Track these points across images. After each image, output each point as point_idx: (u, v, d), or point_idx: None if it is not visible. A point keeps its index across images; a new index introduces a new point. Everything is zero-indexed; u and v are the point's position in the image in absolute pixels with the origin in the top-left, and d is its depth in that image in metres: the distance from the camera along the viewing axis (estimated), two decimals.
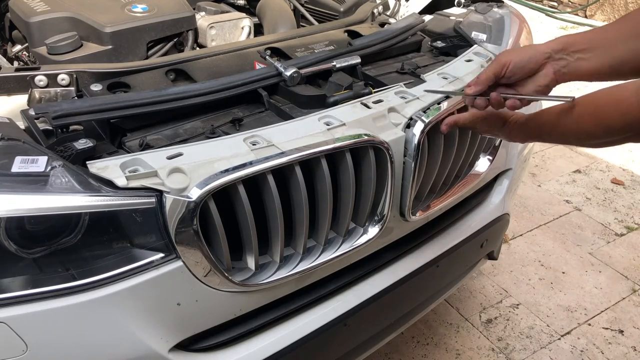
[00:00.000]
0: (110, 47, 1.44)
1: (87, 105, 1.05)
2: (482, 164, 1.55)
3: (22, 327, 0.88)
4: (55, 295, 0.90)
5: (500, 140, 1.57)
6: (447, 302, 2.17)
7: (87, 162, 0.94)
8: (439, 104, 1.27)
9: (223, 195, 0.98)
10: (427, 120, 1.20)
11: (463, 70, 1.40)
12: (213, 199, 0.95)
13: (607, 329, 2.08)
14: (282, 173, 1.06)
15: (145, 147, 1.06)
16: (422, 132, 1.19)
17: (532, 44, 1.15)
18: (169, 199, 0.92)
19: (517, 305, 2.18)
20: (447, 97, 1.29)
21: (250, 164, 0.99)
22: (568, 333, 2.06)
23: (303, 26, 1.93)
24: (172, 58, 1.34)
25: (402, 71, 1.44)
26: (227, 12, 1.80)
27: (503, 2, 1.80)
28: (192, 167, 0.96)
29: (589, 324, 2.10)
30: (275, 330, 1.16)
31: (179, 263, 0.97)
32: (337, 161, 1.13)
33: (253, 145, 1.03)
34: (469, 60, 1.45)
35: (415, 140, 1.19)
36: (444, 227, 1.49)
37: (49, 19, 1.45)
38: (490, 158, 1.55)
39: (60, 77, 1.19)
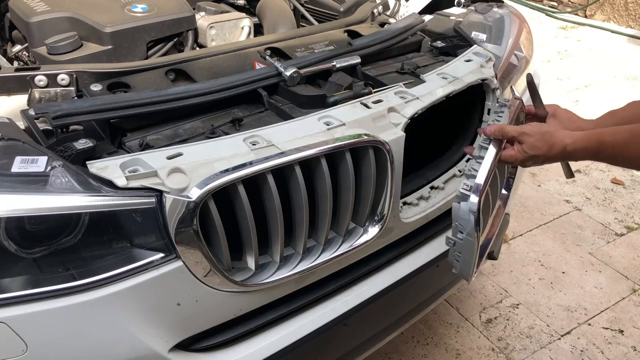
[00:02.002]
0: (110, 47, 1.44)
1: (87, 105, 1.05)
2: None
3: (22, 327, 0.88)
4: (55, 296, 0.90)
5: None
6: (447, 302, 2.17)
7: (87, 162, 0.94)
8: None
9: (223, 195, 0.99)
10: (478, 198, 1.05)
11: (463, 70, 1.40)
12: (213, 199, 0.96)
13: (607, 328, 2.08)
14: (282, 173, 1.06)
15: (145, 147, 1.06)
16: (479, 205, 1.06)
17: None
18: (169, 199, 0.92)
19: (517, 305, 2.18)
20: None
21: (250, 164, 0.99)
22: (568, 333, 2.06)
23: (303, 26, 1.93)
24: (172, 58, 1.34)
25: (402, 71, 1.44)
26: (227, 12, 1.80)
27: (503, 2, 1.80)
28: (192, 167, 0.96)
29: (589, 324, 2.10)
30: (275, 330, 1.16)
31: (179, 263, 0.97)
32: (337, 161, 1.13)
33: (253, 145, 1.03)
34: (468, 60, 1.45)
35: (473, 218, 1.06)
36: (444, 227, 1.49)
37: (49, 19, 1.45)
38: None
39: (60, 77, 1.19)
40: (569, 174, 1.29)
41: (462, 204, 1.06)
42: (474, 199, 1.04)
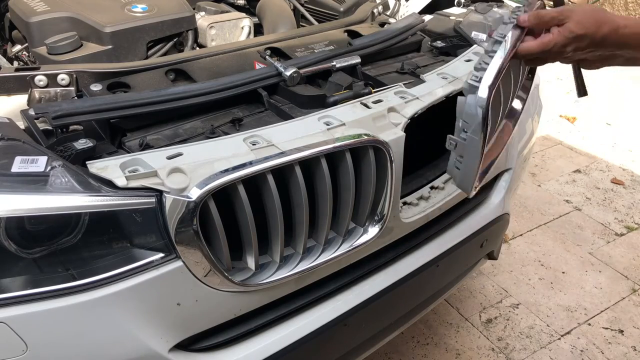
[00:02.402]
0: (110, 47, 1.44)
1: (87, 105, 1.05)
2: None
3: (22, 327, 0.88)
4: (55, 295, 0.90)
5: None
6: (447, 302, 2.17)
7: (87, 162, 0.94)
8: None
9: (223, 195, 0.99)
10: (488, 90, 0.92)
11: (463, 70, 1.40)
12: (213, 199, 0.96)
13: (607, 328, 2.08)
14: (282, 173, 1.06)
15: (145, 147, 1.06)
16: (489, 97, 0.92)
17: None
18: (168, 199, 0.92)
19: (517, 305, 2.18)
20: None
21: (250, 164, 0.99)
22: (568, 333, 2.06)
23: (303, 26, 1.93)
24: (172, 58, 1.34)
25: (402, 71, 1.44)
26: (227, 12, 1.80)
27: (503, 2, 1.80)
28: (192, 167, 0.96)
29: (589, 324, 2.10)
30: (275, 330, 1.16)
31: (179, 263, 0.97)
32: (337, 161, 1.13)
33: (253, 145, 1.03)
34: (468, 60, 1.45)
35: (481, 113, 0.92)
36: (444, 227, 1.49)
37: (49, 19, 1.45)
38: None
39: (60, 77, 1.19)
40: (582, 91, 1.13)
41: (469, 97, 0.93)
42: (483, 90, 0.91)
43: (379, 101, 1.22)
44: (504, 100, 1.09)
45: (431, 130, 1.46)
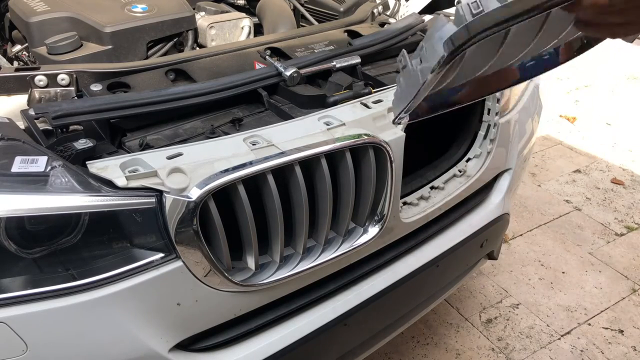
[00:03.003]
0: (110, 47, 1.44)
1: (87, 105, 1.05)
2: None
3: (22, 327, 0.88)
4: (55, 295, 0.90)
5: None
6: (447, 302, 2.17)
7: (87, 162, 0.94)
8: None
9: (223, 195, 0.99)
10: (468, 31, 0.62)
11: None
12: (213, 199, 0.96)
13: (607, 328, 2.08)
14: (282, 173, 1.06)
15: (145, 147, 1.06)
16: (470, 40, 0.63)
17: None
18: (169, 199, 0.92)
19: (517, 305, 2.18)
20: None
21: (250, 163, 0.99)
22: (568, 333, 2.06)
23: (303, 26, 1.93)
24: (172, 58, 1.34)
25: None
26: (227, 12, 1.80)
27: None
28: (192, 167, 0.96)
29: (589, 324, 2.10)
30: (275, 330, 1.16)
31: (179, 263, 0.97)
32: (337, 161, 1.13)
33: (253, 145, 1.03)
34: None
35: (443, 56, 0.64)
36: (444, 227, 1.49)
37: (49, 19, 1.45)
38: None
39: (60, 77, 1.19)
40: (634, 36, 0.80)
41: (448, 24, 0.66)
42: (469, 27, 0.62)
43: (379, 101, 1.22)
44: (511, 51, 0.78)
45: (431, 131, 1.46)
